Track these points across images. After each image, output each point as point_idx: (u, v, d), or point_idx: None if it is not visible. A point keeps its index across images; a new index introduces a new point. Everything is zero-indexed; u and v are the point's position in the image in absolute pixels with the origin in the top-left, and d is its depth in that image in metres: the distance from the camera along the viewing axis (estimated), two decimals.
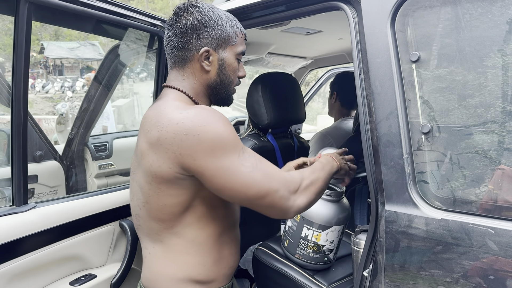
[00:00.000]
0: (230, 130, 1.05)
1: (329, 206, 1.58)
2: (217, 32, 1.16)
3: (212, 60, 1.17)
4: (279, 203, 1.06)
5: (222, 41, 1.17)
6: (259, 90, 1.95)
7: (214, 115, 1.05)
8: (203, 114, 1.04)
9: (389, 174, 1.11)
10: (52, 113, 15.37)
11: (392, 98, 1.11)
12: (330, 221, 1.56)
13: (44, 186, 2.48)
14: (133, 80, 15.31)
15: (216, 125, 1.03)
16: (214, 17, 1.15)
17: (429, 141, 1.07)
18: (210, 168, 1.01)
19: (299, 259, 1.65)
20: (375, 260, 1.15)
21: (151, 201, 1.10)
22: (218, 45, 1.17)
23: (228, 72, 1.20)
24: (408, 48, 1.09)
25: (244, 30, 1.24)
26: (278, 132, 2.14)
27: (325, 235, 1.57)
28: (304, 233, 1.59)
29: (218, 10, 1.18)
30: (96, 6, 1.41)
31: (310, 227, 1.58)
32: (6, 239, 1.23)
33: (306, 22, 1.97)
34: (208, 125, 1.01)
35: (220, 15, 1.17)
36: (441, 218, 1.02)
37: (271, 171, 1.08)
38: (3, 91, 2.21)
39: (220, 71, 1.19)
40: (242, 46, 1.22)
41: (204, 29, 1.14)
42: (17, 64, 1.22)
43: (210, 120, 1.03)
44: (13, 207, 1.30)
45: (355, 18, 1.22)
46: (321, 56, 3.13)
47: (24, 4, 1.18)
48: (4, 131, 2.64)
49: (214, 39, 1.16)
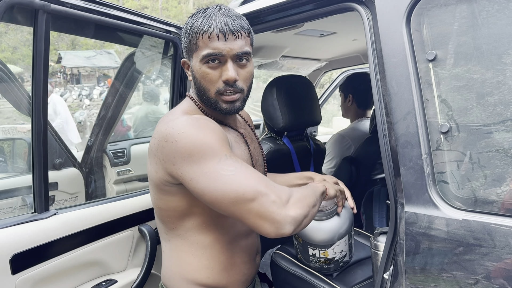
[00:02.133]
0: (210, 137, 1.02)
1: (324, 225, 1.51)
2: (186, 42, 1.15)
3: (190, 69, 1.18)
4: (270, 209, 0.96)
5: (188, 50, 1.15)
6: (274, 93, 1.95)
7: (195, 124, 1.04)
8: (185, 122, 1.04)
9: (408, 175, 1.10)
10: None
11: (409, 98, 1.09)
12: (332, 239, 1.51)
13: (64, 193, 2.52)
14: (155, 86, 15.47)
15: (194, 132, 1.02)
16: (186, 26, 1.14)
17: (448, 140, 1.05)
18: (189, 172, 1.01)
19: (315, 270, 1.64)
20: (395, 263, 1.13)
21: (154, 204, 1.18)
22: (188, 54, 1.16)
23: (199, 80, 1.14)
24: (424, 47, 1.08)
25: (215, 28, 1.08)
26: (294, 135, 2.13)
27: (332, 250, 1.53)
28: (311, 252, 1.57)
29: (197, 16, 1.12)
30: (112, 15, 1.43)
31: (314, 248, 1.55)
32: (29, 246, 1.25)
33: (320, 24, 1.97)
34: (186, 132, 1.02)
35: (190, 22, 1.13)
36: (462, 218, 1.00)
37: (259, 175, 1.02)
38: (23, 100, 2.26)
39: (194, 80, 1.17)
40: (207, 48, 1.09)
41: (182, 39, 1.18)
42: (36, 74, 1.25)
43: (189, 128, 1.03)
44: (35, 214, 1.32)
45: (370, 19, 1.21)
46: (336, 58, 3.12)
47: (42, 15, 1.21)
48: (24, 140, 2.70)
49: (185, 49, 1.17)
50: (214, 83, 1.12)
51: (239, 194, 0.96)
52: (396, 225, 1.13)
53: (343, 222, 1.54)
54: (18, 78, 2.17)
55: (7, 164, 2.78)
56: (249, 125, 1.40)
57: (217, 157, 1.00)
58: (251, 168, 1.03)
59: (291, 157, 2.06)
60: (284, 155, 2.03)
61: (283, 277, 1.78)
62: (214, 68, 1.11)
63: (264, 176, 1.04)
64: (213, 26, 1.08)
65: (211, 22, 1.08)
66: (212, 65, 1.11)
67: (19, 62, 18.82)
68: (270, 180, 1.03)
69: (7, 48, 19.06)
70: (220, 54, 1.09)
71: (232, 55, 1.10)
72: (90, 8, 1.35)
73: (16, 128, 12.44)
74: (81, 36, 1.55)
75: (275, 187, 1.01)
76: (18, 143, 2.80)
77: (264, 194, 0.96)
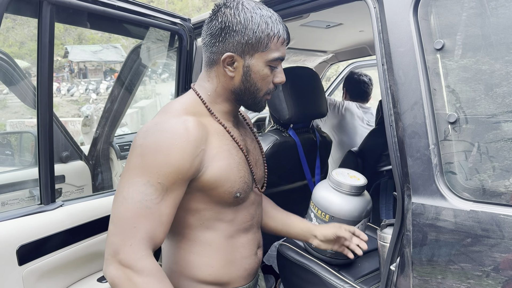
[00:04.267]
0: (158, 156, 0.99)
1: (355, 200, 1.56)
2: (244, 38, 1.08)
3: (237, 66, 1.11)
4: (108, 246, 0.98)
5: (249, 47, 1.09)
6: (280, 85, 1.94)
7: (161, 134, 1.01)
8: (156, 128, 1.03)
9: (415, 165, 1.09)
10: (78, 115, 15.71)
11: (416, 87, 1.08)
12: (360, 215, 1.55)
13: (71, 186, 2.53)
14: (155, 81, 15.51)
15: (149, 142, 1.00)
16: (244, 20, 1.07)
17: (456, 130, 1.04)
18: (125, 165, 1.02)
19: (331, 257, 1.63)
20: (402, 254, 1.13)
21: None
22: (244, 51, 1.09)
23: (254, 80, 1.12)
24: (432, 36, 1.06)
25: (284, 33, 1.12)
26: (300, 127, 2.12)
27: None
28: None
29: (253, 11, 1.08)
30: (116, 6, 1.42)
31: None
32: (35, 237, 1.26)
33: (326, 14, 1.95)
34: (146, 138, 1.01)
35: (253, 18, 1.07)
36: (470, 209, 0.99)
37: (136, 220, 0.97)
38: (31, 95, 2.27)
39: (245, 78, 1.12)
40: (278, 52, 1.11)
41: (231, 33, 1.09)
42: (41, 66, 1.25)
43: (152, 135, 1.01)
44: (41, 206, 1.33)
45: (376, 8, 1.20)
46: (342, 50, 3.09)
47: (46, 6, 1.21)
48: (31, 133, 2.71)
49: (241, 44, 1.09)
50: (268, 84, 1.15)
51: (109, 226, 0.99)
52: (403, 216, 1.12)
53: (368, 201, 1.59)
54: (26, 72, 2.18)
55: (14, 158, 2.79)
56: (248, 124, 1.37)
57: (145, 176, 0.99)
58: (138, 209, 0.97)
59: (297, 149, 2.05)
60: (290, 148, 2.02)
61: (289, 268, 1.78)
62: (272, 71, 1.14)
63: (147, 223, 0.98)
64: (282, 30, 1.11)
65: (280, 27, 1.10)
66: (274, 68, 1.13)
67: (26, 56, 18.93)
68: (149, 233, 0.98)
69: (14, 43, 19.18)
70: (283, 58, 1.14)
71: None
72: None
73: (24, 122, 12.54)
74: (85, 28, 1.55)
75: (136, 246, 0.96)
76: (25, 136, 2.82)
77: (116, 237, 0.97)
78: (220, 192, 1.10)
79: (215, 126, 1.14)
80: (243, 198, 1.17)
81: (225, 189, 1.10)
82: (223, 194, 1.11)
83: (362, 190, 1.59)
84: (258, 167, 1.28)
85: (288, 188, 2.12)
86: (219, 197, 1.11)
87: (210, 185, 1.08)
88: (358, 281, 1.58)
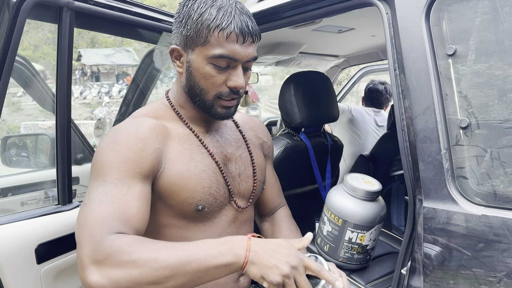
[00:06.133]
0: (109, 154, 0.91)
1: (369, 206, 1.56)
2: (186, 29, 0.98)
3: (183, 60, 1.03)
4: (78, 264, 0.78)
5: (190, 40, 0.98)
6: (291, 89, 1.96)
7: (113, 134, 0.95)
8: (111, 131, 0.97)
9: (426, 170, 1.09)
10: (90, 118, 15.89)
11: (428, 93, 1.09)
12: (374, 220, 1.54)
13: (85, 188, 2.57)
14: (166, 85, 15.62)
15: (103, 144, 0.94)
16: (190, 10, 0.97)
17: (467, 135, 1.04)
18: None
19: (343, 262, 1.63)
20: (413, 258, 1.13)
21: None
22: (187, 44, 0.99)
23: (196, 78, 1.00)
24: (444, 42, 1.07)
25: (234, 28, 0.94)
26: (311, 131, 2.13)
27: (369, 235, 1.55)
28: (348, 236, 1.57)
29: (204, 4, 0.97)
30: (133, 12, 1.46)
31: (354, 229, 1.55)
32: (53, 236, 1.29)
33: (338, 20, 1.96)
34: (100, 143, 0.95)
35: (200, 8, 0.96)
36: (482, 214, 1.00)
37: (98, 216, 0.81)
38: (47, 97, 2.31)
39: (188, 74, 1.02)
40: (220, 48, 0.95)
41: (178, 25, 1.01)
42: (60, 70, 1.28)
43: (105, 138, 0.96)
44: (59, 206, 1.36)
45: (389, 14, 1.21)
46: (354, 54, 3.10)
47: (66, 12, 1.24)
48: (47, 135, 2.76)
49: (183, 37, 0.99)
50: (216, 87, 1.00)
51: (76, 236, 0.83)
52: (414, 220, 1.13)
53: (382, 207, 1.58)
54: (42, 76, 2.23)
55: (30, 159, 2.84)
56: (241, 131, 1.23)
57: (100, 178, 0.89)
58: (103, 204, 0.84)
59: (308, 153, 2.06)
60: (301, 151, 2.03)
61: None
62: (220, 71, 0.99)
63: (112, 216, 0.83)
64: (233, 24, 0.94)
65: (230, 19, 0.94)
66: (220, 68, 0.98)
67: (40, 60, 19.21)
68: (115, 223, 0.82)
69: (28, 47, 19.48)
70: (234, 58, 0.97)
71: (245, 61, 0.99)
72: (112, 5, 1.38)
73: (38, 124, 12.70)
74: (103, 33, 1.59)
75: (101, 239, 0.78)
76: (41, 138, 2.87)
77: (81, 247, 0.79)
78: (178, 202, 1.00)
79: (180, 130, 1.06)
80: (209, 213, 1.05)
81: (183, 198, 0.99)
82: (182, 205, 1.00)
83: (377, 196, 1.59)
84: (243, 179, 1.15)
85: (299, 192, 2.13)
86: (179, 209, 1.01)
87: (167, 190, 0.98)
88: (369, 285, 1.59)
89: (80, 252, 0.78)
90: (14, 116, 15.24)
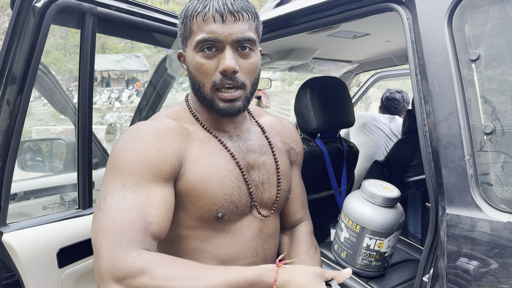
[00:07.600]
0: (126, 154, 0.89)
1: (388, 212, 1.55)
2: (179, 30, 1.00)
3: (185, 62, 1.03)
4: (96, 274, 0.79)
5: (183, 38, 0.99)
6: (307, 94, 1.96)
7: (132, 135, 0.93)
8: (128, 132, 0.96)
9: (450, 176, 1.08)
10: (100, 123, 16.02)
11: (451, 98, 1.08)
12: (392, 227, 1.53)
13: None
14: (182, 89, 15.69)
15: (120, 144, 0.92)
16: (181, 12, 0.99)
17: (492, 141, 1.03)
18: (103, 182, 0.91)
19: (361, 269, 1.62)
20: (435, 266, 1.12)
21: None
22: (183, 43, 1.00)
23: (193, 73, 0.98)
24: (467, 47, 1.07)
25: (207, 8, 0.92)
26: (327, 136, 2.13)
27: (387, 242, 1.54)
28: (366, 243, 1.56)
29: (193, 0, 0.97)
30: (153, 17, 1.47)
31: (372, 236, 1.54)
32: (75, 240, 1.30)
33: (354, 25, 1.96)
34: (117, 142, 0.94)
35: (186, 6, 0.97)
36: (507, 221, 0.98)
37: (117, 227, 0.80)
38: (63, 102, 2.34)
39: (188, 73, 1.01)
40: (201, 33, 0.92)
41: (178, 28, 1.03)
42: (82, 75, 1.29)
43: (122, 138, 0.94)
44: (79, 210, 1.37)
45: (409, 19, 1.20)
46: (367, 60, 3.09)
47: (89, 17, 1.26)
48: (62, 140, 2.78)
49: (180, 37, 1.00)
50: (209, 76, 0.95)
51: (93, 243, 0.83)
52: (436, 227, 1.12)
53: (401, 213, 1.57)
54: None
55: (45, 164, 2.86)
56: (267, 137, 1.17)
57: (117, 182, 0.87)
58: (123, 212, 0.83)
59: (324, 158, 2.05)
60: (317, 157, 2.03)
61: None
62: (210, 58, 0.94)
63: (131, 227, 0.82)
64: (209, 5, 0.91)
65: (207, 3, 0.92)
66: (208, 54, 0.94)
67: (51, 65, 19.41)
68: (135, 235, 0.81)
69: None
70: (217, 39, 0.92)
71: (231, 40, 0.92)
72: (133, 10, 1.39)
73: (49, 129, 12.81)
74: (122, 38, 1.60)
75: (120, 257, 0.77)
76: (56, 143, 2.89)
77: (100, 257, 0.78)
78: (198, 208, 0.97)
79: (200, 133, 1.03)
80: (229, 221, 1.02)
81: (203, 204, 0.97)
82: (202, 211, 0.98)
83: (395, 202, 1.58)
84: (266, 188, 1.11)
85: (314, 197, 2.12)
86: (199, 215, 0.98)
87: (187, 195, 0.96)
88: None
89: (98, 263, 0.78)
90: (26, 121, 15.39)
